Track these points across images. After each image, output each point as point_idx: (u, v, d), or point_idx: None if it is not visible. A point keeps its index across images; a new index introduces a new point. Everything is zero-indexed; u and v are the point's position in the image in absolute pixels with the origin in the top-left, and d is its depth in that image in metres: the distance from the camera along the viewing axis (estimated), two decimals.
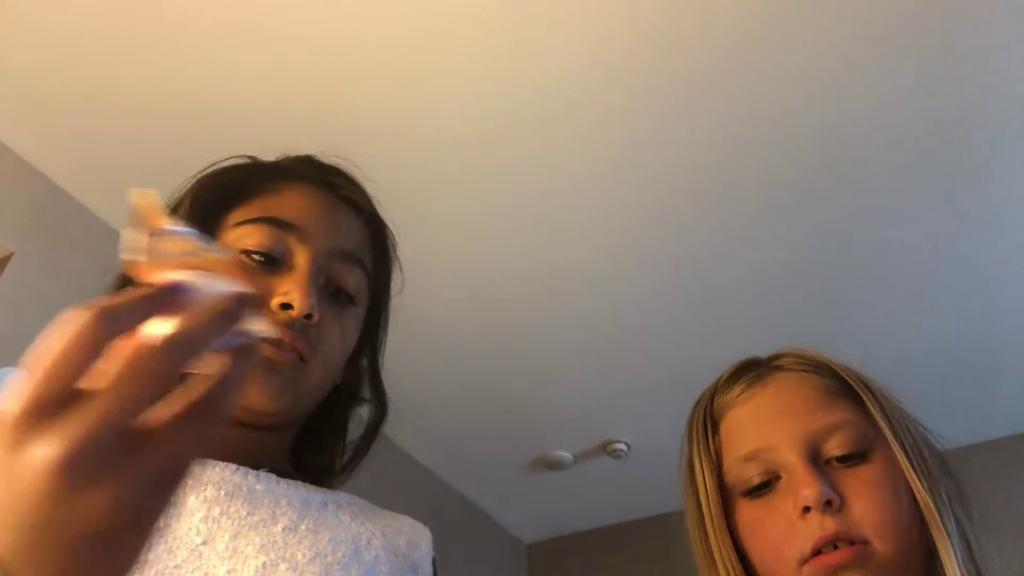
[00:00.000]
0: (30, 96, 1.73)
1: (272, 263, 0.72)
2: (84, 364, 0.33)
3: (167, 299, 0.36)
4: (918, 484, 0.70)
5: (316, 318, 0.71)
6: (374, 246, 0.83)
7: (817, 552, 0.67)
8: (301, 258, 0.73)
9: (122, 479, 0.33)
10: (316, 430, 0.82)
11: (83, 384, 0.34)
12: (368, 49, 1.68)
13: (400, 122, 1.82)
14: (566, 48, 1.70)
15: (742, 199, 2.04)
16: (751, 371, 0.82)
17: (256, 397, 0.68)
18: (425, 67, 1.72)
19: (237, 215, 0.75)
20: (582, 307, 2.33)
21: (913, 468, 0.71)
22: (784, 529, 0.70)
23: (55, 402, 0.32)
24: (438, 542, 0.80)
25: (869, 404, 0.75)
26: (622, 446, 2.88)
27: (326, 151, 0.85)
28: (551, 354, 2.50)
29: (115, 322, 0.34)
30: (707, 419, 0.82)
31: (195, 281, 0.37)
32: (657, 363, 2.53)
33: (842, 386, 0.78)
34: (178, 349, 0.34)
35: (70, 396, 0.33)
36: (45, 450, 0.31)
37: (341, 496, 0.76)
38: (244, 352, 0.37)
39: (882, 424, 0.74)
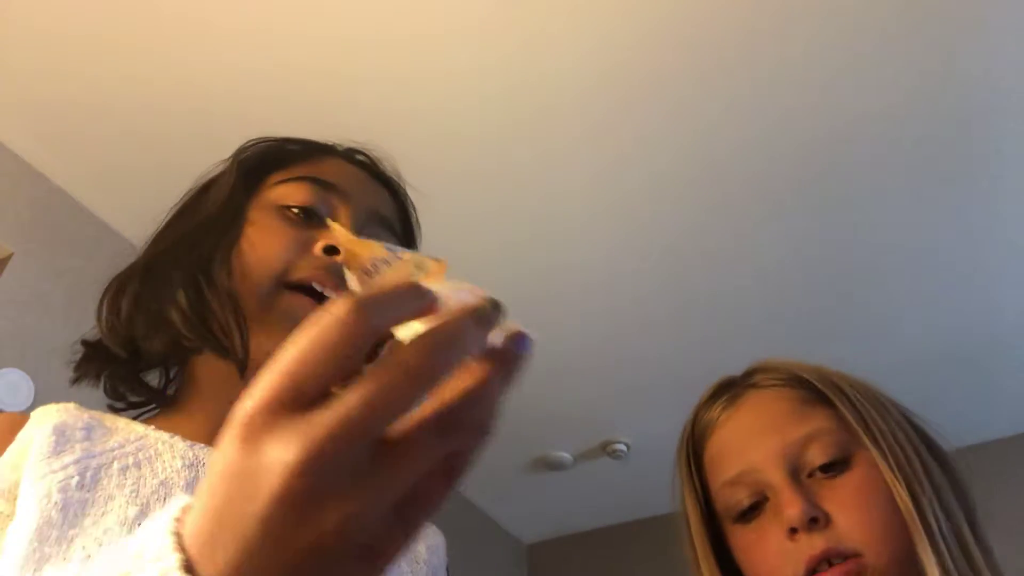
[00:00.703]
0: (30, 96, 1.73)
1: (312, 218, 0.72)
2: (338, 361, 0.29)
3: (424, 299, 0.32)
4: (897, 486, 0.69)
5: None
6: (404, 224, 0.84)
7: (812, 572, 0.67)
8: (342, 214, 0.73)
9: (358, 497, 0.28)
10: None
11: (336, 385, 0.29)
12: (369, 49, 1.68)
13: (400, 122, 1.82)
14: (567, 48, 1.70)
15: (743, 199, 2.04)
16: (727, 392, 0.82)
17: None
18: (426, 67, 1.72)
19: (278, 176, 0.76)
20: (582, 307, 2.33)
21: (891, 468, 0.70)
22: (776, 554, 0.70)
23: (302, 401, 0.28)
24: None
25: (841, 408, 0.74)
26: (622, 446, 2.88)
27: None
28: (551, 354, 2.50)
29: (375, 316, 0.29)
30: (690, 447, 0.82)
31: (438, 293, 0.33)
32: (657, 363, 2.53)
33: (816, 394, 0.77)
34: (442, 350, 0.30)
35: (318, 396, 0.29)
36: (281, 451, 0.27)
37: None
38: (512, 358, 0.33)
39: (856, 427, 0.73)
